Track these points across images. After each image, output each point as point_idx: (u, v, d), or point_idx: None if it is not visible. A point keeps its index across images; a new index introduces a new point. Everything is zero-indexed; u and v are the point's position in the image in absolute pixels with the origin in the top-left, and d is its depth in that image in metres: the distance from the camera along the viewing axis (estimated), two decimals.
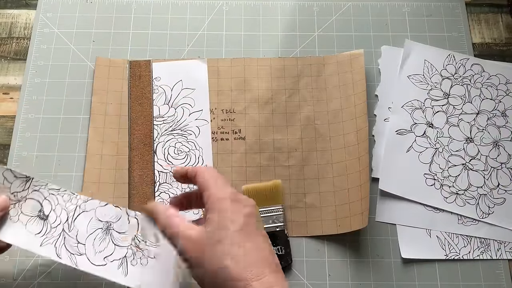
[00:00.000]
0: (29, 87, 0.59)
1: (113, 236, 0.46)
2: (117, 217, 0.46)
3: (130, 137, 0.55)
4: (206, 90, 0.59)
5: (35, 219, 0.45)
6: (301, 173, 0.56)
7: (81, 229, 0.45)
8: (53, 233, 0.45)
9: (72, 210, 0.46)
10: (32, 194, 0.45)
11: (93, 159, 0.56)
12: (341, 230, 0.53)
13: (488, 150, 0.57)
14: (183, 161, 0.56)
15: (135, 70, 0.58)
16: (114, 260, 0.44)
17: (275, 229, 0.53)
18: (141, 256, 0.45)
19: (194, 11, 0.64)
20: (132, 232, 0.46)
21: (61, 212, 0.46)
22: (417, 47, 0.61)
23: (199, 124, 0.58)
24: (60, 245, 0.44)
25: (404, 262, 0.53)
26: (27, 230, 0.44)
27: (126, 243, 0.45)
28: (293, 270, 0.52)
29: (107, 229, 0.46)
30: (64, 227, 0.45)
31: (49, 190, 0.46)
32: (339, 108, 0.58)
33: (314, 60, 0.61)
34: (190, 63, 0.60)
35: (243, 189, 0.54)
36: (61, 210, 0.46)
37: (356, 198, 0.53)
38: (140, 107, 0.57)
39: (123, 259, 0.45)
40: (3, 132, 0.58)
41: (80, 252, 0.44)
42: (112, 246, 0.45)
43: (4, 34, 0.62)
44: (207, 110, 0.58)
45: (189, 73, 0.59)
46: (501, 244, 0.53)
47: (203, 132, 0.57)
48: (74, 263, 0.44)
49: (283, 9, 0.64)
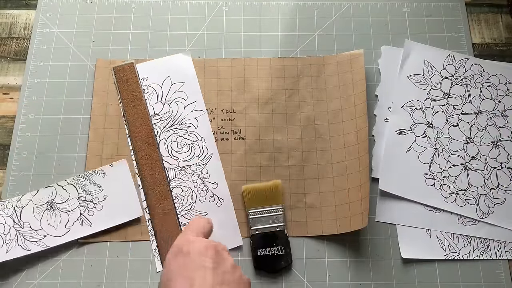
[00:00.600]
0: (29, 87, 0.59)
1: (60, 208, 0.53)
2: (53, 193, 0.53)
3: (132, 141, 0.55)
4: (195, 81, 0.59)
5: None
6: (301, 173, 0.56)
7: (31, 220, 0.52)
8: (10, 238, 0.51)
9: (12, 213, 0.52)
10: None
11: (93, 160, 0.56)
12: (341, 230, 0.53)
13: (488, 150, 0.57)
14: (187, 153, 0.56)
15: (120, 75, 0.58)
16: (74, 223, 0.52)
17: (275, 229, 0.53)
18: (93, 206, 0.53)
19: (194, 11, 0.64)
20: (74, 195, 0.53)
21: (4, 219, 0.52)
22: (417, 47, 0.61)
23: (196, 115, 0.58)
24: (22, 242, 0.51)
25: (404, 262, 0.53)
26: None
27: (74, 205, 0.53)
28: (293, 270, 0.52)
29: (51, 207, 0.53)
30: (15, 228, 0.52)
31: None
32: (339, 108, 0.58)
33: (314, 60, 0.61)
34: (174, 58, 0.60)
35: (243, 189, 0.54)
36: (3, 218, 0.52)
37: (356, 198, 0.53)
38: (134, 110, 0.57)
39: (80, 217, 0.53)
40: (3, 132, 0.58)
41: (42, 235, 0.52)
42: (65, 215, 0.53)
43: (4, 34, 0.62)
44: (201, 100, 0.58)
45: (175, 68, 0.60)
46: (501, 244, 0.53)
47: (202, 122, 0.57)
48: (44, 245, 0.51)
49: (283, 9, 0.64)
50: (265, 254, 0.52)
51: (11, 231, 0.52)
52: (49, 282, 0.51)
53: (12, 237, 0.51)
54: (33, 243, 0.51)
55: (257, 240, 0.52)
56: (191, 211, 0.54)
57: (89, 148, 0.56)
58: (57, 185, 0.54)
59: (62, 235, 0.52)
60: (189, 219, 0.53)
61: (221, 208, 0.54)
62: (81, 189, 0.54)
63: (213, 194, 0.54)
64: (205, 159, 0.56)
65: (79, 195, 0.53)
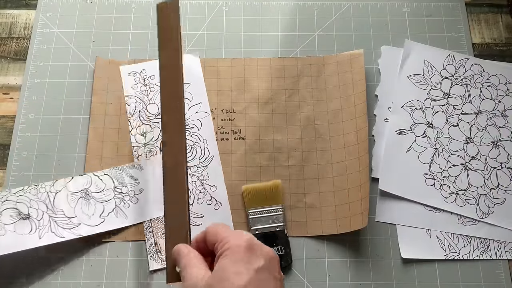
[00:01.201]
0: (29, 87, 0.59)
1: (95, 197, 0.52)
2: (88, 182, 0.52)
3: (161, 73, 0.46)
4: (202, 83, 0.59)
5: (19, 222, 0.49)
6: (301, 173, 0.56)
7: (65, 207, 0.51)
8: (43, 224, 0.50)
9: (45, 198, 0.51)
10: (2, 205, 0.50)
11: (93, 160, 0.56)
12: (341, 230, 0.53)
13: (488, 150, 0.57)
14: (189, 154, 0.56)
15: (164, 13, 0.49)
16: (109, 213, 0.51)
17: (275, 229, 0.53)
18: (129, 198, 0.52)
19: (194, 11, 0.64)
20: (110, 186, 0.52)
21: (38, 204, 0.50)
22: (417, 47, 0.61)
23: (200, 117, 0.58)
24: (55, 229, 0.50)
25: (404, 262, 0.53)
26: (19, 234, 0.49)
27: (109, 196, 0.52)
28: (293, 270, 0.52)
29: (86, 195, 0.52)
30: (48, 214, 0.50)
31: (15, 194, 0.51)
32: (339, 108, 0.58)
33: (314, 60, 0.61)
34: (183, 58, 0.60)
35: (243, 189, 0.54)
36: (36, 203, 0.50)
37: (356, 198, 0.53)
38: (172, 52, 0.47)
39: (115, 209, 0.52)
40: (3, 132, 0.58)
41: (76, 224, 0.50)
42: (100, 205, 0.51)
43: (4, 34, 0.62)
44: (206, 102, 0.58)
45: (183, 68, 0.59)
46: (501, 244, 0.53)
47: (205, 124, 0.57)
48: (77, 234, 0.50)
49: (283, 9, 0.64)
50: None
51: (44, 216, 0.50)
52: (49, 282, 0.51)
53: (45, 223, 0.50)
54: (67, 231, 0.50)
55: None
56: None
57: (88, 147, 0.56)
58: (93, 175, 0.53)
59: (97, 225, 0.51)
60: None
61: (218, 212, 0.54)
62: (118, 180, 0.53)
63: (211, 196, 0.54)
64: (206, 161, 0.56)
65: (115, 186, 0.53)
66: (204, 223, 0.53)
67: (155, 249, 0.52)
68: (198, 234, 0.40)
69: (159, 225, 0.53)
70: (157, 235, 0.52)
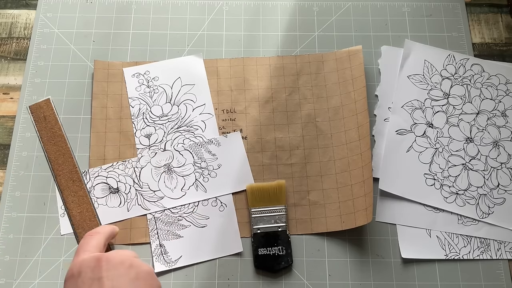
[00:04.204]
0: (29, 87, 0.59)
1: (177, 172, 0.55)
2: (170, 157, 0.55)
3: (56, 179, 0.54)
4: (206, 84, 0.59)
5: (109, 196, 0.54)
6: (304, 171, 0.56)
7: (150, 181, 0.54)
8: (131, 197, 0.54)
9: (132, 173, 0.55)
10: (95, 181, 0.54)
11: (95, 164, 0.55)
12: (345, 226, 0.53)
13: (488, 150, 0.57)
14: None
15: (38, 114, 0.57)
16: (190, 187, 0.54)
17: (277, 229, 0.53)
18: (208, 173, 0.55)
19: (194, 11, 0.64)
20: (190, 161, 0.55)
21: (125, 179, 0.54)
22: (417, 47, 0.61)
23: (204, 118, 0.58)
24: (142, 202, 0.54)
25: (404, 262, 0.53)
26: (110, 207, 0.53)
27: (190, 170, 0.55)
28: (293, 270, 0.52)
29: (168, 170, 0.55)
30: (135, 187, 0.54)
31: (105, 170, 0.55)
32: (340, 105, 0.58)
33: (313, 57, 0.61)
34: (186, 60, 0.60)
35: (247, 188, 0.54)
36: (124, 177, 0.54)
37: (360, 194, 0.53)
38: (55, 147, 0.55)
39: (195, 182, 0.55)
40: (3, 132, 0.58)
41: (160, 196, 0.54)
42: (181, 179, 0.55)
43: (4, 34, 0.62)
44: (210, 103, 0.58)
45: (187, 70, 0.60)
46: (501, 244, 0.53)
47: (209, 125, 0.57)
48: (162, 206, 0.54)
49: (283, 9, 0.64)
50: (266, 254, 0.52)
51: (132, 190, 0.54)
52: (49, 282, 0.51)
53: (132, 196, 0.54)
54: (152, 203, 0.54)
55: (258, 239, 0.52)
56: (193, 214, 0.54)
57: (91, 152, 0.56)
58: (174, 150, 0.55)
59: (179, 197, 0.54)
60: (190, 222, 0.53)
61: (223, 213, 0.54)
62: (197, 155, 0.55)
63: (216, 198, 0.54)
64: None
65: (195, 161, 0.55)
66: (209, 224, 0.53)
67: (161, 251, 0.52)
68: None
69: (165, 227, 0.53)
70: (162, 237, 0.52)
